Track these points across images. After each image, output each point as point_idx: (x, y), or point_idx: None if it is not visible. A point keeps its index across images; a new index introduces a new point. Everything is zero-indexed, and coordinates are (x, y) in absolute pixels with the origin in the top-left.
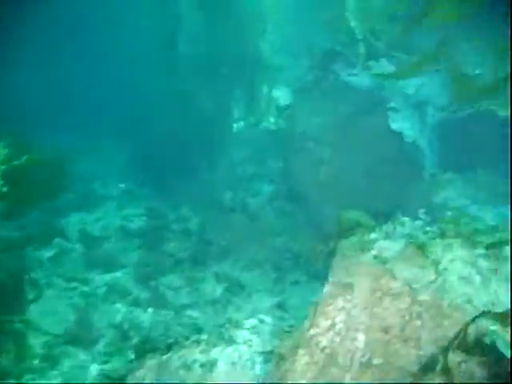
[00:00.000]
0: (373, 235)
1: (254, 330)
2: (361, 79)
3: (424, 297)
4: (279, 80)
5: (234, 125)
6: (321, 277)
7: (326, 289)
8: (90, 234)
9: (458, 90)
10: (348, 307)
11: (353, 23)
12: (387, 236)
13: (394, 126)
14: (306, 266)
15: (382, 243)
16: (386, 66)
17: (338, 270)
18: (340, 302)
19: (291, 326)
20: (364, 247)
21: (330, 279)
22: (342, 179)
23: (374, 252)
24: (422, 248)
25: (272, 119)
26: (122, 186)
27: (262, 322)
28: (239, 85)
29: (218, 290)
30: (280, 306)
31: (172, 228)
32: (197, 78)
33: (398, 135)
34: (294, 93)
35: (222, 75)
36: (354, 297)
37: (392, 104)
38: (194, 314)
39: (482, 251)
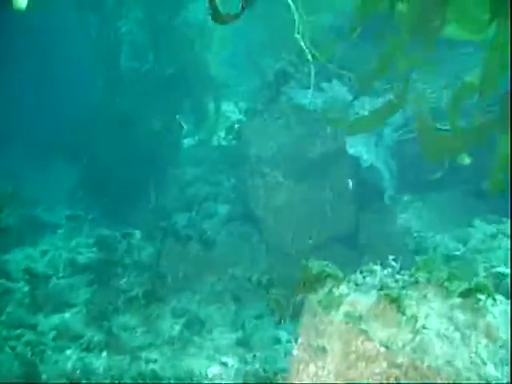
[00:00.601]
0: (342, 288)
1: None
2: (314, 101)
3: (401, 359)
4: (229, 97)
5: (185, 142)
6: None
7: (296, 353)
8: (35, 271)
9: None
10: (321, 374)
11: (302, 43)
12: (357, 288)
13: (351, 150)
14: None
15: (353, 297)
16: (338, 88)
17: (307, 330)
18: (312, 369)
19: (256, 371)
20: (333, 302)
21: (299, 341)
22: (299, 205)
23: (344, 308)
24: (395, 301)
25: (223, 135)
26: (69, 212)
27: (225, 365)
28: (187, 101)
29: (176, 328)
30: (243, 344)
31: (124, 260)
32: (143, 96)
33: (355, 159)
34: (246, 111)
35: (169, 92)
36: (327, 362)
37: None
38: (152, 356)
39: (457, 300)
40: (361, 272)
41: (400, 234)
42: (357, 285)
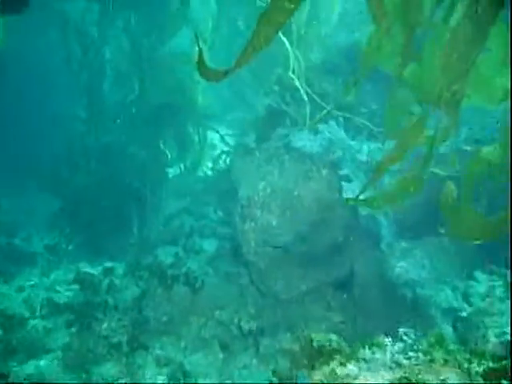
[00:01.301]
0: (350, 366)
1: None
2: (309, 143)
3: None
4: (214, 126)
5: (169, 172)
6: (270, 355)
7: None
8: (9, 311)
9: None
10: None
11: (297, 83)
12: (367, 367)
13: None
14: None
15: (363, 379)
16: (335, 130)
17: None
18: None
19: None
20: None
21: None
22: (292, 249)
23: None
24: None
25: (209, 166)
26: (48, 241)
27: None
28: (171, 130)
29: (160, 379)
30: None
31: (106, 301)
32: (127, 126)
33: (353, 206)
34: (236, 147)
35: (154, 121)
36: None
37: (345, 171)
38: None
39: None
40: (370, 346)
41: (397, 286)
42: (365, 361)
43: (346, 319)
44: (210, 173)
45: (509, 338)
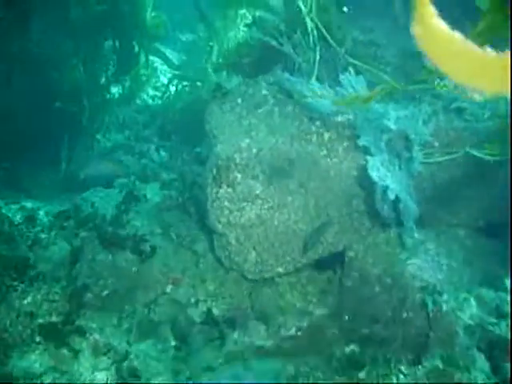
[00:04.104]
0: None
1: None
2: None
3: None
4: (165, 47)
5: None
6: (240, 354)
7: None
8: None
9: None
10: None
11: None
12: None
13: (374, 174)
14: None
15: None
16: (356, 81)
17: None
18: None
19: None
20: None
21: None
22: (278, 226)
23: None
24: None
25: (151, 93)
26: None
27: None
28: (114, 47)
29: (98, 377)
30: None
31: (28, 262)
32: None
33: (380, 189)
34: (214, 90)
35: (94, 30)
36: None
37: (363, 141)
38: None
39: None
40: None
41: (407, 289)
42: None
43: (331, 317)
44: (151, 102)
45: None
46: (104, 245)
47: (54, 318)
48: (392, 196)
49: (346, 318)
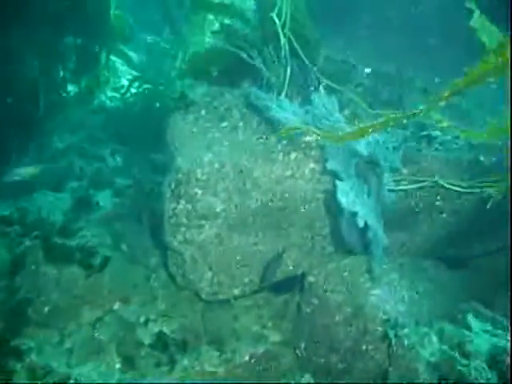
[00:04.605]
0: None
1: None
2: (285, 113)
3: None
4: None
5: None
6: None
7: None
8: None
9: None
10: None
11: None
12: None
13: (344, 200)
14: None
15: None
16: (326, 101)
17: None
18: None
19: None
20: None
21: None
22: (236, 249)
23: None
24: None
25: (109, 95)
26: None
27: None
28: (74, 43)
29: None
30: None
31: None
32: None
33: (350, 215)
34: (178, 99)
35: (54, 24)
36: None
37: (331, 163)
38: None
39: None
40: None
41: (368, 320)
42: None
43: (286, 344)
44: (109, 103)
45: None
46: (49, 256)
47: None
48: (361, 223)
49: (303, 346)
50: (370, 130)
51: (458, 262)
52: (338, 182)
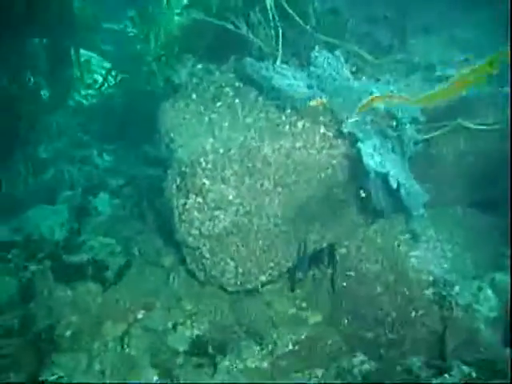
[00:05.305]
0: None
1: None
2: (286, 80)
3: None
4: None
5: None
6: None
7: None
8: None
9: None
10: None
11: None
12: None
13: (371, 161)
14: None
15: None
16: (331, 61)
17: None
18: None
19: None
20: None
21: None
22: (255, 231)
23: None
24: None
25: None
26: None
27: None
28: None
29: None
30: None
31: None
32: None
33: (380, 177)
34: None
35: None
36: None
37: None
38: None
39: None
40: None
41: (412, 285)
42: None
43: (328, 323)
44: (85, 102)
45: None
46: (60, 276)
47: (11, 378)
48: (394, 184)
49: (346, 322)
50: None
51: (490, 206)
52: (360, 145)
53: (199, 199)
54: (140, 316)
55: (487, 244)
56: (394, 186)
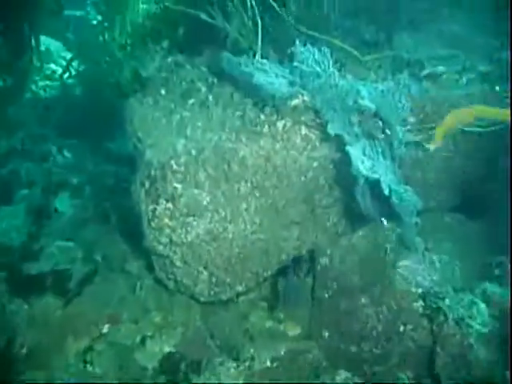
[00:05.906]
0: None
1: None
2: (264, 76)
3: None
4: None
5: None
6: None
7: None
8: None
9: None
10: None
11: None
12: None
13: (362, 167)
14: None
15: None
16: (314, 55)
17: None
18: None
19: None
20: None
21: None
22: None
23: None
24: None
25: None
26: None
27: None
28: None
29: None
30: None
31: None
32: None
33: (372, 185)
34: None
35: None
36: None
37: (333, 125)
38: None
39: None
40: None
41: (401, 298)
42: None
43: (308, 336)
44: (43, 93)
45: None
46: (15, 289)
47: None
48: (386, 190)
49: (327, 335)
50: None
51: (478, 212)
52: (349, 148)
53: (170, 205)
54: (105, 330)
55: (475, 253)
56: (386, 192)
